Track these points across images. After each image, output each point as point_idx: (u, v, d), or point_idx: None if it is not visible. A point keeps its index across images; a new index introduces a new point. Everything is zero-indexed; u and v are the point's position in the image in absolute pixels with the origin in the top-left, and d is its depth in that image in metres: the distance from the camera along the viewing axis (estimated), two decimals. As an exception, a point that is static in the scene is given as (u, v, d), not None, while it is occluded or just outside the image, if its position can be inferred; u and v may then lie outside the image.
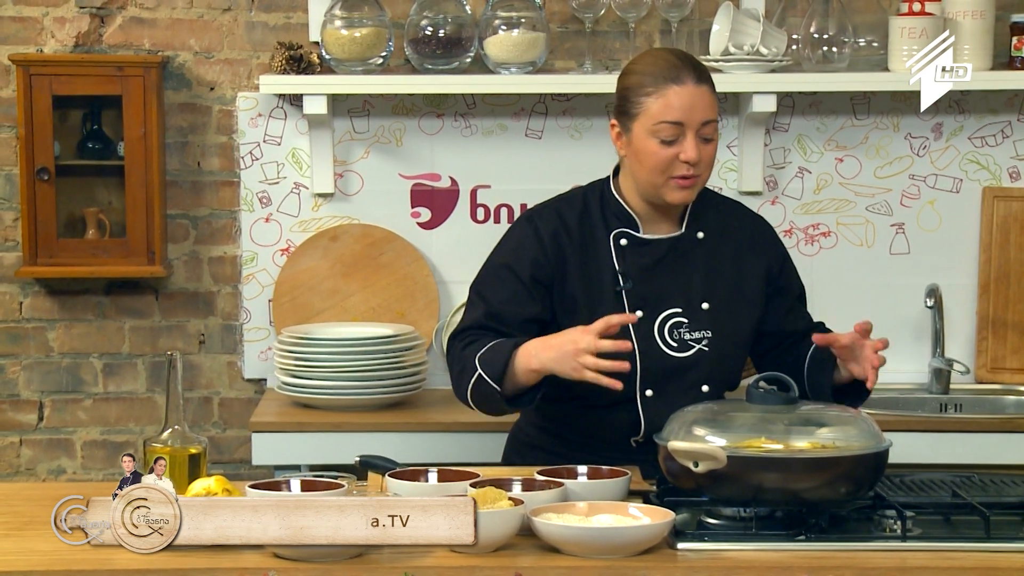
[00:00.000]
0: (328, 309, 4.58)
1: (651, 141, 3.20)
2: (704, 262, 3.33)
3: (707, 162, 3.23)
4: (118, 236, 4.53)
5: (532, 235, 3.30)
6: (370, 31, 4.42)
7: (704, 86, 3.21)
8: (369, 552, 2.67)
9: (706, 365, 3.29)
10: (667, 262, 3.30)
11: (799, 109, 4.63)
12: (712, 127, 3.22)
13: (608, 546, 2.65)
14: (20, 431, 4.68)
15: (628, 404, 3.26)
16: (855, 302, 4.65)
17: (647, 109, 3.20)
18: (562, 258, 3.29)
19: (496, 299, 3.27)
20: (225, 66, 4.61)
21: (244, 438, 4.60)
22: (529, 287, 3.27)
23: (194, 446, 2.98)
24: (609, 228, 3.32)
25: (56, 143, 4.48)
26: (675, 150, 3.19)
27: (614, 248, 3.30)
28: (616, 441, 3.31)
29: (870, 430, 2.89)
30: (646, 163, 3.22)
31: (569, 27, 4.59)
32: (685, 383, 3.28)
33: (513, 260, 3.29)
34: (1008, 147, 4.65)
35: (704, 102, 3.20)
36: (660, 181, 3.22)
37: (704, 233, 3.34)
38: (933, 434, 4.18)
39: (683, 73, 3.19)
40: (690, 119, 3.18)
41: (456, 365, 3.26)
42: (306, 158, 4.60)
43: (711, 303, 3.30)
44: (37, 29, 4.57)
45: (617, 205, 3.33)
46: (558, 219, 3.32)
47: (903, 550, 2.73)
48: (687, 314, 3.28)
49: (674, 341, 3.28)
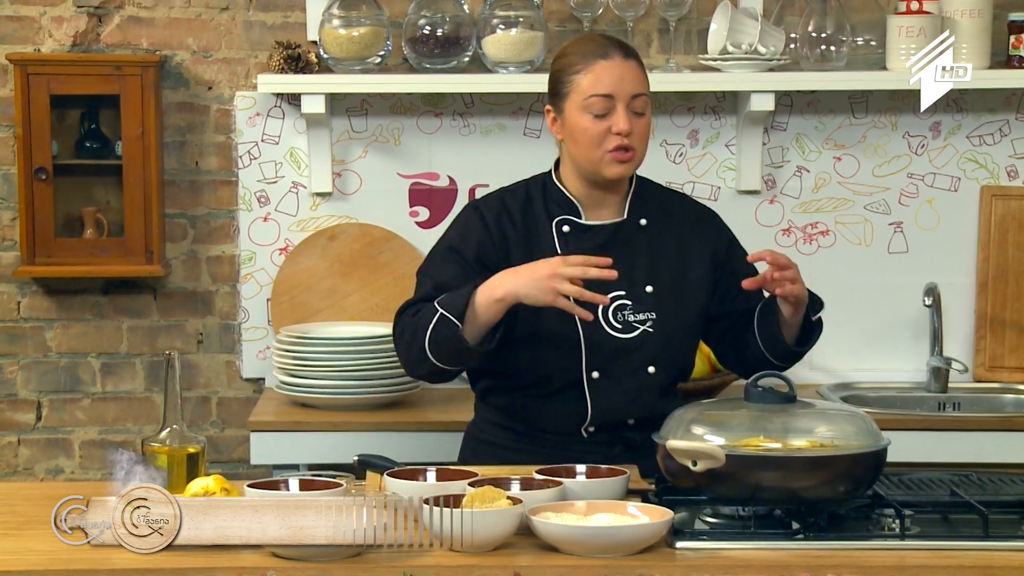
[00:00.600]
0: (326, 308, 4.58)
1: (584, 117, 3.27)
2: (647, 247, 3.37)
3: (640, 135, 3.29)
4: (116, 235, 4.53)
5: (478, 220, 3.36)
6: (368, 30, 4.42)
7: (632, 60, 3.30)
8: (368, 552, 2.67)
9: (652, 346, 3.32)
10: (610, 247, 3.34)
11: (797, 108, 4.63)
12: (643, 101, 3.29)
13: (607, 545, 2.65)
14: (18, 431, 4.67)
15: (575, 388, 3.29)
16: (853, 301, 4.65)
17: (577, 85, 3.27)
18: (506, 244, 3.34)
19: (442, 276, 3.31)
20: (223, 65, 4.61)
21: (242, 437, 4.60)
22: (475, 267, 3.31)
23: (192, 445, 2.98)
24: (551, 216, 3.37)
25: (54, 142, 4.47)
26: (607, 123, 3.26)
27: (556, 235, 3.35)
28: (567, 431, 3.34)
29: (868, 429, 2.89)
30: (581, 140, 3.28)
31: (567, 26, 4.59)
32: (631, 365, 3.31)
33: (459, 243, 3.35)
34: (1006, 146, 4.65)
35: (633, 75, 3.28)
36: (596, 156, 3.28)
37: (647, 220, 3.39)
38: (931, 433, 4.18)
39: (610, 49, 3.28)
40: (619, 91, 3.25)
41: (407, 330, 3.24)
42: (304, 157, 4.60)
43: (655, 286, 3.34)
44: (35, 28, 4.57)
45: (559, 194, 3.38)
46: (502, 206, 3.39)
47: (902, 549, 2.73)
48: (631, 296, 3.32)
49: (618, 323, 3.32)
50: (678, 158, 4.63)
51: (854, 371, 4.64)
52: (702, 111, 4.63)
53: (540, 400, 3.32)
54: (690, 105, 4.62)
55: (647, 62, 4.53)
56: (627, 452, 3.31)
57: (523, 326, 3.26)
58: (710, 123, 4.63)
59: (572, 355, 3.27)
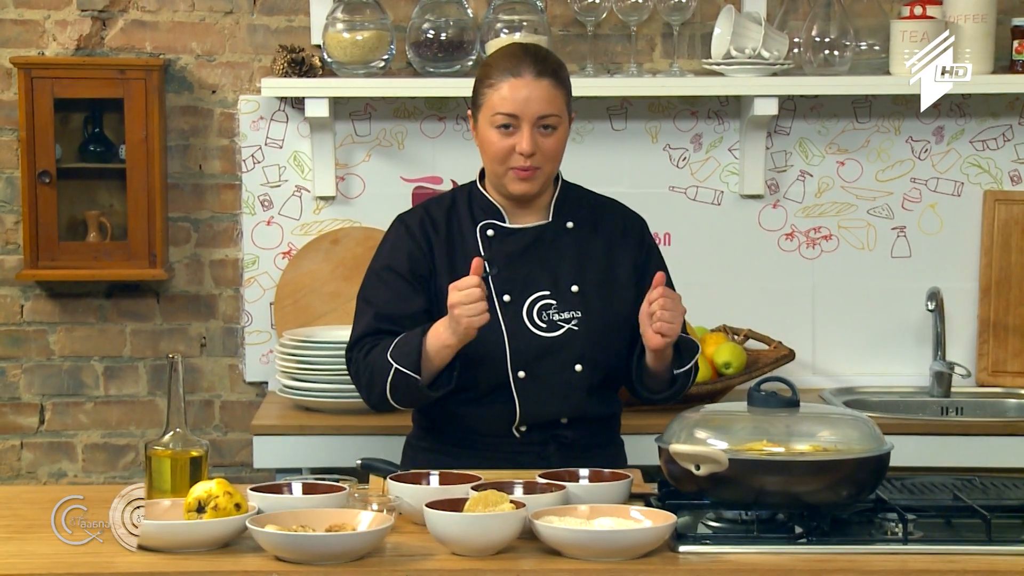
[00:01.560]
0: (329, 312, 4.58)
1: (492, 131, 3.30)
2: (573, 249, 3.38)
3: (548, 154, 3.30)
4: (119, 239, 4.53)
5: (404, 232, 3.40)
6: (372, 34, 4.43)
7: (545, 80, 3.28)
8: (371, 555, 2.67)
9: (578, 344, 3.32)
10: (535, 249, 3.36)
11: (800, 112, 4.63)
12: (552, 120, 3.28)
13: (609, 549, 2.65)
14: (21, 434, 4.67)
15: (502, 389, 3.30)
16: (856, 305, 4.65)
17: (488, 100, 3.30)
18: (431, 251, 3.37)
19: (381, 301, 3.35)
20: (227, 69, 4.61)
21: (245, 441, 4.60)
22: (411, 282, 3.35)
23: (195, 449, 2.98)
24: (476, 221, 3.39)
25: (57, 146, 4.48)
26: (512, 141, 3.28)
27: (480, 238, 3.38)
28: (499, 433, 3.34)
29: (871, 433, 2.89)
30: (488, 152, 3.32)
31: (571, 30, 4.59)
32: (557, 363, 3.32)
33: (391, 260, 3.38)
34: (1009, 151, 4.65)
35: (541, 95, 3.27)
36: (501, 171, 3.31)
37: (574, 223, 3.41)
38: (934, 437, 4.18)
39: (522, 66, 3.28)
40: (524, 112, 3.26)
41: (364, 374, 3.32)
42: (308, 161, 4.60)
43: (580, 286, 3.36)
44: (39, 32, 4.57)
45: (483, 199, 3.41)
46: (425, 214, 3.42)
47: (904, 553, 2.73)
48: (555, 296, 3.34)
49: (543, 322, 3.33)
50: (681, 162, 4.63)
51: (857, 375, 4.64)
52: (705, 115, 4.63)
53: (469, 404, 3.33)
54: (693, 109, 4.62)
55: (650, 67, 4.57)
56: (561, 451, 3.32)
57: None
58: (713, 127, 4.63)
59: (497, 356, 3.29)
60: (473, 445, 3.35)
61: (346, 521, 2.72)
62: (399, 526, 2.80)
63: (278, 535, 2.63)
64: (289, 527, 2.68)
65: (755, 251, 4.64)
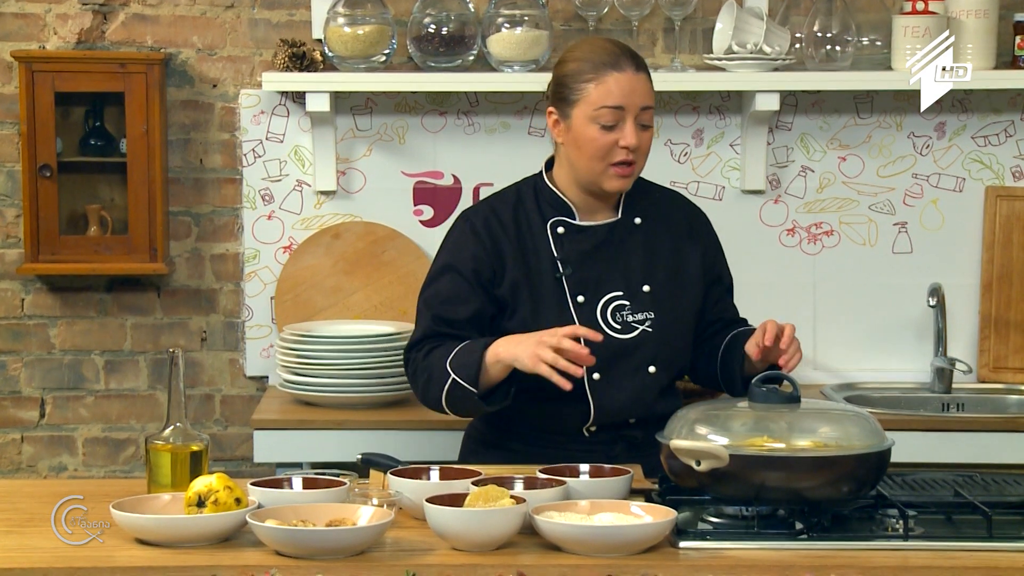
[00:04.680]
0: (330, 307, 4.57)
1: (591, 127, 3.26)
2: (643, 246, 3.37)
3: (644, 150, 3.30)
4: (120, 233, 4.53)
5: (468, 231, 3.37)
6: (373, 28, 4.42)
7: (642, 73, 3.29)
8: (371, 550, 2.67)
9: (651, 346, 3.32)
10: (605, 247, 3.35)
11: (802, 108, 4.62)
12: (650, 114, 3.29)
13: (610, 545, 2.65)
14: (21, 428, 4.67)
15: (576, 390, 3.27)
16: (858, 301, 4.65)
17: (588, 95, 3.26)
18: (499, 249, 3.34)
19: (439, 302, 3.33)
20: (228, 63, 4.61)
21: (246, 435, 4.60)
22: (471, 282, 3.32)
23: (196, 443, 2.98)
24: (545, 217, 3.37)
25: (58, 140, 4.47)
26: (615, 136, 3.26)
27: (551, 236, 3.35)
28: (569, 432, 3.34)
29: (872, 429, 2.89)
30: (586, 149, 3.27)
31: (572, 25, 4.59)
32: (631, 364, 3.31)
33: (454, 259, 3.36)
34: (1011, 146, 4.64)
35: (643, 88, 3.28)
36: (599, 168, 3.28)
37: (641, 219, 3.40)
38: (935, 433, 4.18)
39: (622, 60, 3.27)
40: (630, 104, 3.25)
41: (421, 375, 3.31)
42: (308, 155, 4.60)
43: (651, 285, 3.35)
44: (40, 26, 4.57)
45: (552, 195, 3.38)
46: (491, 212, 3.39)
47: (905, 549, 2.73)
48: (628, 296, 3.33)
49: (617, 323, 3.32)
50: (683, 158, 4.63)
51: (858, 371, 4.64)
52: (707, 111, 4.62)
53: (542, 403, 3.31)
54: (695, 105, 4.62)
55: (651, 62, 4.55)
56: (629, 451, 3.31)
57: (522, 331, 3.25)
58: (715, 123, 4.63)
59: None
60: (540, 443, 3.33)
61: (346, 516, 2.71)
62: (399, 521, 2.80)
63: (278, 530, 2.63)
64: (289, 521, 2.68)
65: (756, 247, 4.64)
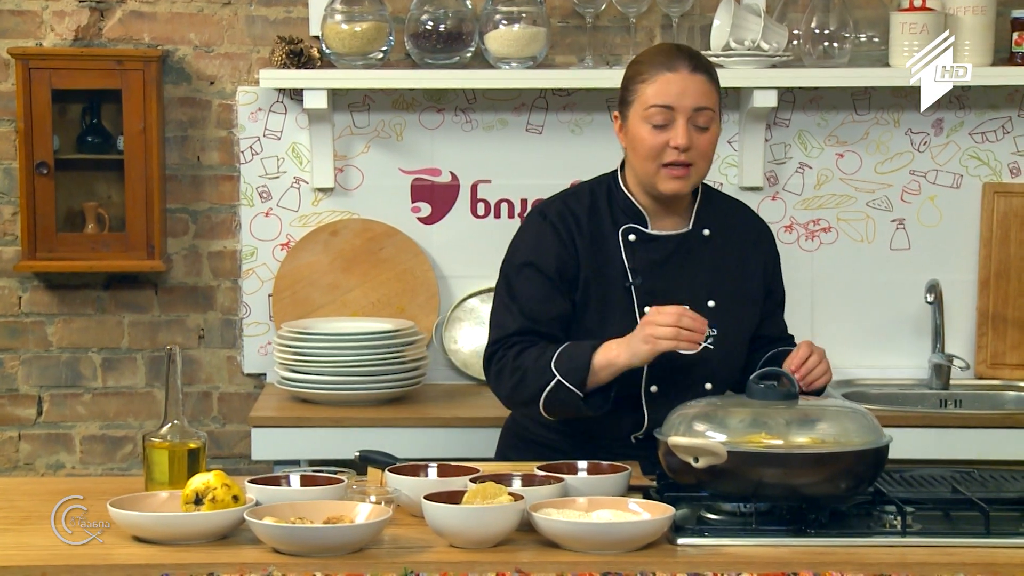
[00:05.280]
0: (328, 304, 4.57)
1: (644, 127, 3.23)
2: (710, 259, 3.34)
3: (702, 152, 3.24)
4: (117, 230, 4.52)
5: (550, 230, 3.30)
6: (370, 25, 4.42)
7: (700, 74, 3.24)
8: (369, 547, 2.66)
9: (711, 363, 3.29)
10: (675, 258, 3.31)
11: (800, 104, 4.62)
12: (707, 116, 3.23)
13: (608, 541, 2.65)
14: (19, 426, 4.67)
15: (633, 401, 3.26)
16: (855, 298, 4.65)
17: (641, 95, 3.24)
18: (576, 250, 3.30)
19: (527, 299, 3.27)
20: (225, 60, 4.61)
21: (243, 433, 4.60)
22: (556, 283, 3.28)
23: (193, 441, 2.98)
24: (617, 223, 3.32)
25: (55, 137, 4.47)
26: (666, 136, 3.22)
27: (623, 243, 3.31)
28: (616, 438, 3.32)
29: (870, 425, 2.89)
30: (639, 150, 3.25)
31: (570, 22, 4.59)
32: (689, 380, 3.28)
33: (535, 257, 3.29)
34: (1008, 143, 4.64)
35: (697, 89, 3.23)
36: (652, 169, 3.25)
37: (710, 230, 3.36)
38: (933, 430, 4.18)
39: (677, 60, 3.24)
40: (680, 103, 3.21)
41: (511, 374, 3.23)
42: (306, 153, 4.59)
43: (717, 301, 3.31)
44: (36, 23, 4.57)
45: (625, 200, 3.34)
46: (566, 209, 3.33)
47: (903, 545, 2.73)
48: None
49: None
50: (680, 154, 4.62)
51: (856, 368, 4.64)
52: (704, 107, 4.62)
53: None
54: (692, 101, 4.61)
55: (649, 58, 4.55)
56: None
57: (587, 338, 3.22)
58: (712, 119, 4.62)
59: (633, 369, 3.20)
60: (585, 446, 3.29)
61: (344, 513, 2.71)
62: (397, 518, 2.80)
63: (276, 527, 2.63)
64: (287, 519, 2.68)
65: (754, 243, 4.63)
